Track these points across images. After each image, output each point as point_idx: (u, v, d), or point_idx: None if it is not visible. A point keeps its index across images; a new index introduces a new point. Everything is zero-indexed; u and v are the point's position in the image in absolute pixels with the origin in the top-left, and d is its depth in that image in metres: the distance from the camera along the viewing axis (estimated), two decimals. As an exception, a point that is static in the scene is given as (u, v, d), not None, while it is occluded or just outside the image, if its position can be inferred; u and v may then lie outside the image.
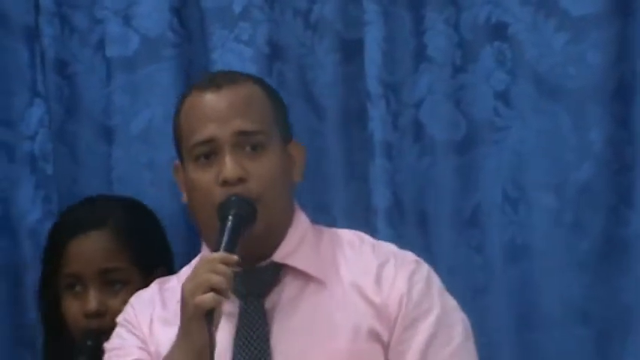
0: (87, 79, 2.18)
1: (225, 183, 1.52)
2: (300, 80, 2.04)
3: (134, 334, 1.60)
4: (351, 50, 2.02)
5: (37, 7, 2.14)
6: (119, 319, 1.64)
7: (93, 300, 1.79)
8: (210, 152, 1.55)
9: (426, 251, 1.85)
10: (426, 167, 1.98)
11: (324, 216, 2.00)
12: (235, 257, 1.45)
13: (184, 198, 1.63)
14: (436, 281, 1.59)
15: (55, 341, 1.91)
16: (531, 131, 1.97)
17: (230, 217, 1.50)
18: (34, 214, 2.13)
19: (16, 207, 2.17)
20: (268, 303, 1.57)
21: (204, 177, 1.55)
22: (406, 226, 2.00)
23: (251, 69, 1.98)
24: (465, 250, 1.98)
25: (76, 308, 1.82)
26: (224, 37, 2.01)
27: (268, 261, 1.57)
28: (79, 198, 2.11)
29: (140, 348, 1.58)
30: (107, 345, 1.63)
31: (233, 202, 1.51)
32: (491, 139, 1.98)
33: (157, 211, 2.02)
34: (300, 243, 1.60)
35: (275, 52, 2.04)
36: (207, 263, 1.46)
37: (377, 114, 1.97)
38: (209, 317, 1.41)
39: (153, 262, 1.85)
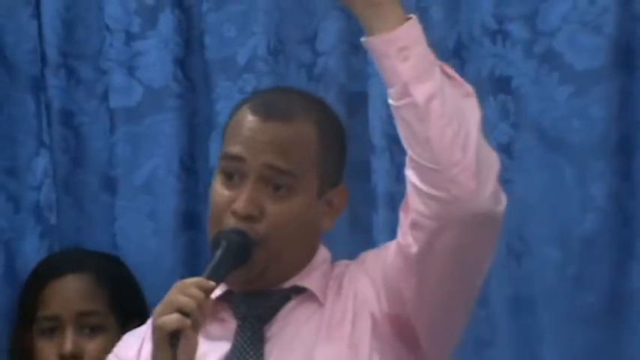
0: (92, 130, 2.24)
1: (234, 213, 1.49)
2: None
3: None
4: (356, 103, 2.07)
5: (43, 58, 2.21)
6: (110, 355, 1.62)
7: (69, 342, 1.81)
8: (236, 171, 1.52)
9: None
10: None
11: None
12: (212, 284, 1.42)
13: None
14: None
15: None
16: (535, 184, 2.00)
17: (221, 248, 1.47)
18: (38, 264, 2.21)
19: (21, 257, 2.19)
20: (268, 328, 1.53)
21: (223, 194, 1.52)
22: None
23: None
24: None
25: (51, 350, 1.84)
26: (228, 88, 2.07)
27: (277, 288, 1.54)
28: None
29: None
30: None
31: (229, 233, 1.49)
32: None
33: (159, 261, 2.08)
34: (311, 272, 1.57)
35: (279, 104, 2.09)
36: (179, 285, 1.43)
37: (381, 166, 2.00)
38: (173, 340, 1.37)
39: (129, 311, 1.88)
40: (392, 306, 1.50)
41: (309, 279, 1.55)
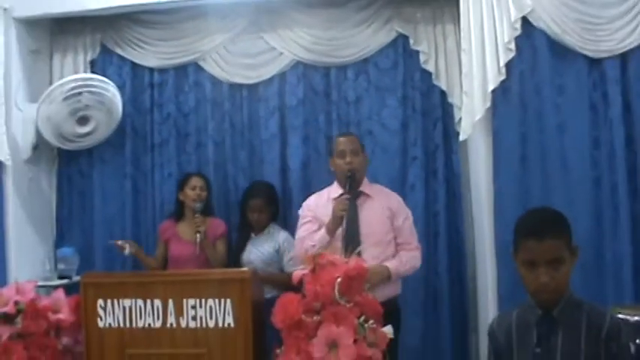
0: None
1: (347, 164, 4.45)
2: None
3: (310, 216, 4.54)
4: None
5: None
6: (304, 209, 4.65)
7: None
8: (343, 155, 4.46)
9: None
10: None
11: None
12: (348, 196, 4.36)
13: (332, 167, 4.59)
14: (407, 209, 4.56)
15: None
16: (384, 159, 5.38)
17: (348, 178, 4.41)
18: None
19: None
20: (358, 202, 4.42)
21: (340, 162, 4.48)
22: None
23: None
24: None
25: None
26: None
27: (359, 190, 4.45)
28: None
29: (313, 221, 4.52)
30: (301, 214, 4.59)
31: (350, 172, 4.42)
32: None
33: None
34: (366, 185, 4.52)
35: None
36: (339, 198, 4.39)
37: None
38: (339, 219, 4.30)
39: None
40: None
41: (368, 190, 4.52)
